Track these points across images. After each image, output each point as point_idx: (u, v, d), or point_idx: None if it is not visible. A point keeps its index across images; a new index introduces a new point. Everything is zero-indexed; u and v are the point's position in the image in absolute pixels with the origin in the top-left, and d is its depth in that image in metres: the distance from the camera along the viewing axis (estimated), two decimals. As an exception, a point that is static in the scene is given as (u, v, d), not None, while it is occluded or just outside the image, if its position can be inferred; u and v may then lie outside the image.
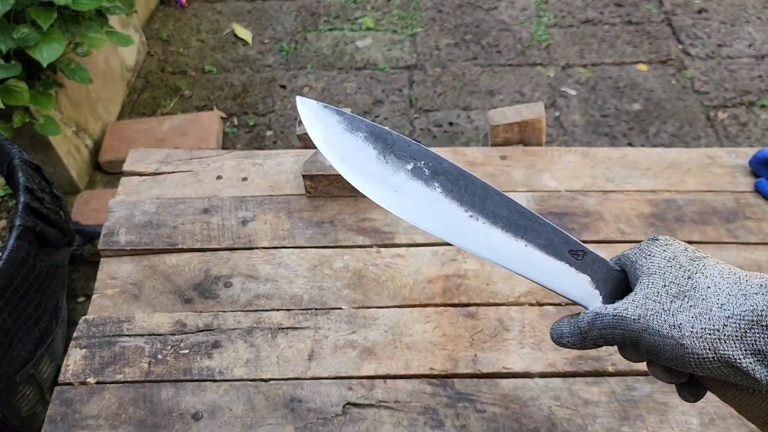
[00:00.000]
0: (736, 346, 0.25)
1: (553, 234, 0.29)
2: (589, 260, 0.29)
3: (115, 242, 0.54)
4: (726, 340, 0.25)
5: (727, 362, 0.25)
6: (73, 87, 1.16)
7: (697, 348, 0.26)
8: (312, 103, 0.30)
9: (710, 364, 0.26)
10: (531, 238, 0.29)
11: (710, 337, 0.26)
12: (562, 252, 0.29)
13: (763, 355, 0.25)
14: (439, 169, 0.29)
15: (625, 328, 0.27)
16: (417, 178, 0.29)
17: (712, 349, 0.25)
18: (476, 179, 0.29)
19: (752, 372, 0.25)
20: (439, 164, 0.29)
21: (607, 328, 0.28)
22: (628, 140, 1.28)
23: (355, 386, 0.44)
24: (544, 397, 0.43)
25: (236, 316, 0.49)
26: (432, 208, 0.29)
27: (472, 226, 0.29)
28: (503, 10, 1.57)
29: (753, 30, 1.47)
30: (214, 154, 0.62)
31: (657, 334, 0.27)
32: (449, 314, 0.48)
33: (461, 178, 0.29)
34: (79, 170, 1.21)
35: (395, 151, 0.29)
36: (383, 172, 0.29)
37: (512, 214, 0.29)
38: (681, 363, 0.26)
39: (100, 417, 0.43)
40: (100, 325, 0.48)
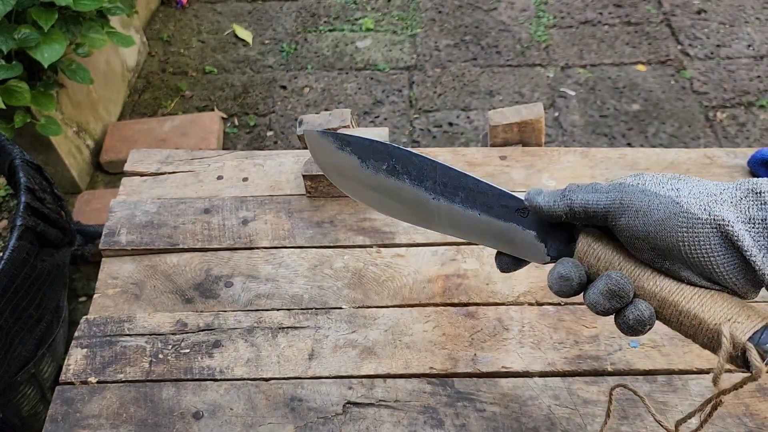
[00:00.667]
0: (731, 210, 0.25)
1: (500, 197, 0.31)
2: (534, 216, 0.31)
3: (116, 242, 0.54)
4: (722, 203, 0.25)
5: (720, 225, 0.25)
6: (74, 87, 1.16)
7: (693, 207, 0.25)
8: (314, 133, 0.35)
9: (702, 228, 0.25)
10: (483, 207, 0.32)
11: (707, 198, 0.26)
12: (510, 213, 0.31)
13: (753, 223, 0.25)
14: (408, 163, 0.32)
15: (619, 190, 0.27)
16: (392, 175, 0.33)
17: (707, 210, 0.25)
18: (435, 164, 0.32)
19: (740, 239, 0.24)
20: (408, 160, 0.32)
21: (596, 191, 0.28)
22: (627, 140, 1.28)
23: (355, 385, 0.44)
24: (543, 396, 0.44)
25: (237, 316, 0.49)
26: (402, 199, 0.33)
27: (436, 206, 0.32)
28: (503, 11, 1.57)
29: (752, 30, 1.48)
30: (215, 154, 0.62)
31: (653, 195, 0.27)
32: (449, 314, 0.48)
33: (425, 168, 0.32)
34: (80, 170, 1.21)
35: (374, 155, 0.33)
36: (364, 175, 0.33)
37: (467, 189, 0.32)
38: (672, 224, 0.25)
39: (101, 416, 0.43)
40: (101, 324, 0.49)
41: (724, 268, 0.25)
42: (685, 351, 0.46)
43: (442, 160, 0.32)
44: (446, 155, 0.61)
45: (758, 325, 0.26)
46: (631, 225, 0.27)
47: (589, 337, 0.47)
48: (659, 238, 0.26)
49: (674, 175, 0.28)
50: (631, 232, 0.27)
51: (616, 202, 0.27)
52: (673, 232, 0.26)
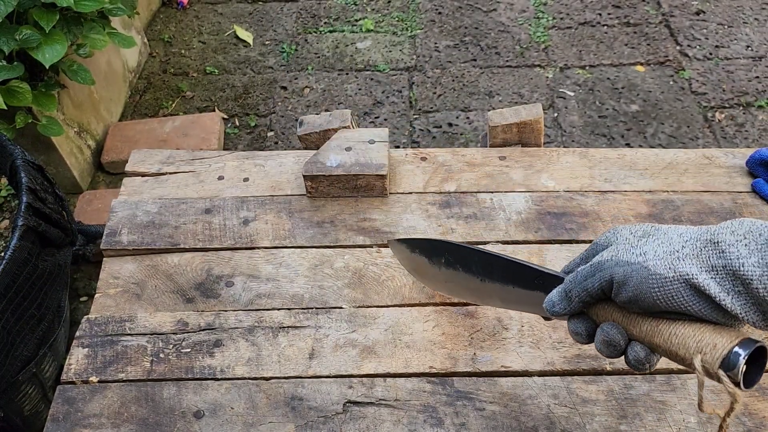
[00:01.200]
0: (693, 263, 0.27)
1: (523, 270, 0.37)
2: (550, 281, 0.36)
3: (118, 242, 0.54)
4: (684, 259, 0.28)
5: (686, 280, 0.27)
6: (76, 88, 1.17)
7: (659, 268, 0.28)
8: (393, 241, 0.47)
9: (671, 285, 0.28)
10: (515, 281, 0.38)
11: (670, 257, 0.28)
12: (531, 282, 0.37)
13: (716, 271, 0.27)
14: (458, 252, 0.41)
15: (601, 269, 0.31)
16: (449, 266, 0.42)
17: (672, 268, 0.28)
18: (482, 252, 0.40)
19: (706, 288, 0.27)
20: (457, 251, 0.41)
21: (587, 278, 0.32)
22: (626, 141, 1.28)
23: (356, 385, 0.45)
24: (542, 395, 0.44)
25: (237, 316, 0.49)
26: (461, 283, 0.42)
27: (483, 286, 0.40)
28: (502, 12, 1.57)
29: (750, 31, 1.48)
30: (216, 154, 0.63)
31: (626, 264, 0.30)
32: (448, 313, 0.49)
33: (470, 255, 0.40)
34: (82, 171, 1.21)
35: (435, 252, 0.43)
36: (434, 271, 0.44)
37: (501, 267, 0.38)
38: (646, 287, 0.28)
39: (103, 416, 0.44)
40: (102, 324, 0.49)
41: (703, 312, 0.28)
42: (683, 350, 0.46)
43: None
44: (446, 156, 0.61)
45: (725, 350, 0.27)
46: (617, 294, 0.31)
47: (588, 336, 0.47)
48: (639, 300, 0.29)
49: (645, 233, 0.31)
50: (619, 299, 0.31)
51: (603, 282, 0.31)
52: (648, 294, 0.29)
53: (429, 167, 0.60)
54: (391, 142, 1.30)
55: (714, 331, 0.28)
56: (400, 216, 0.56)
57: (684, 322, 0.29)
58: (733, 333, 0.27)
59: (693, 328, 0.28)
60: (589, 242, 0.53)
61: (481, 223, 0.55)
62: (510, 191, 0.57)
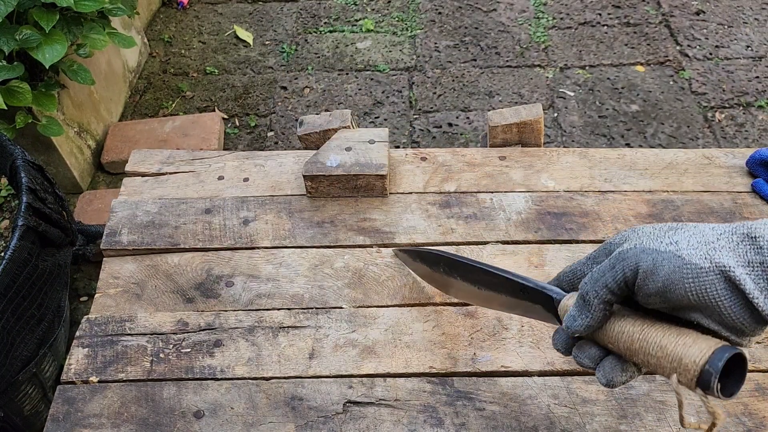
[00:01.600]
0: (730, 256, 0.26)
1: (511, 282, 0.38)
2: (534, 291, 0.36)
3: (118, 242, 0.54)
4: (720, 250, 0.26)
5: (723, 272, 0.26)
6: (76, 88, 1.17)
7: (694, 257, 0.26)
8: (398, 252, 0.51)
9: (706, 276, 0.26)
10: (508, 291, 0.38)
11: (705, 247, 0.27)
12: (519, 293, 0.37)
13: (752, 266, 0.26)
14: (453, 264, 0.43)
15: (623, 259, 0.28)
16: (448, 275, 0.44)
17: (709, 258, 0.26)
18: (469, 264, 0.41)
19: (741, 283, 0.25)
20: (452, 263, 0.43)
21: (605, 273, 0.29)
22: (626, 141, 1.28)
23: (356, 385, 0.45)
24: (542, 395, 0.44)
25: (238, 316, 0.49)
26: (462, 289, 0.43)
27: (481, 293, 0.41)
28: (502, 12, 1.57)
29: (750, 31, 1.48)
30: (216, 154, 0.63)
31: (655, 252, 0.28)
32: (448, 313, 0.49)
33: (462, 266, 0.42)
34: (82, 171, 1.21)
35: (434, 262, 0.46)
36: (436, 276, 0.46)
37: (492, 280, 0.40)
38: (678, 277, 0.27)
39: (103, 415, 0.44)
40: (102, 324, 0.49)
41: (732, 310, 0.26)
42: (683, 350, 0.46)
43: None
44: (446, 156, 0.61)
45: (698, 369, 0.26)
46: (641, 286, 0.28)
47: (588, 336, 0.47)
48: (669, 291, 0.27)
49: (670, 227, 0.29)
50: (643, 291, 0.28)
51: (627, 272, 0.28)
52: (680, 285, 0.27)
53: (429, 167, 0.60)
54: (391, 142, 1.30)
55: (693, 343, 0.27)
56: (400, 216, 0.56)
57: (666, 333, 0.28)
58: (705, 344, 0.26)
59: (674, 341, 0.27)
60: (590, 242, 0.53)
61: (481, 223, 0.55)
62: (510, 191, 0.57)
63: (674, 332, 0.28)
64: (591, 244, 0.53)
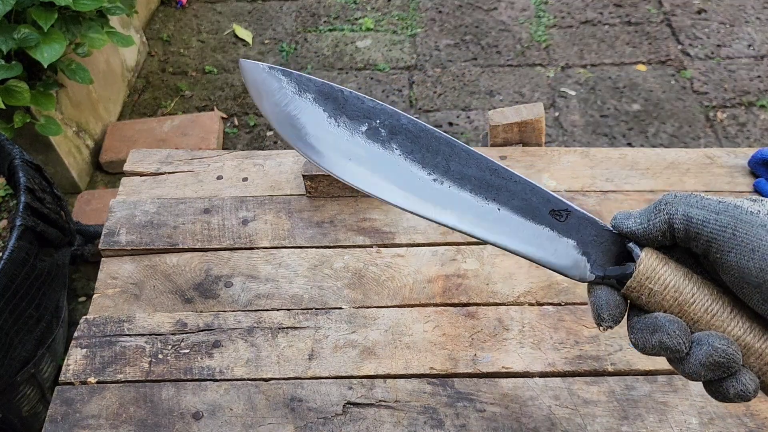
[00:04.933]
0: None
1: (531, 193, 0.25)
2: (574, 221, 0.25)
3: (116, 242, 0.54)
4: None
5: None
6: (74, 87, 1.16)
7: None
8: (256, 66, 0.26)
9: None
10: (504, 199, 0.25)
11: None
12: (541, 213, 0.25)
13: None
14: (398, 127, 0.25)
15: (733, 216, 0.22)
16: (373, 140, 0.25)
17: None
18: (440, 135, 0.25)
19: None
20: (396, 121, 0.25)
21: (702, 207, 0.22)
22: (628, 140, 1.28)
23: (355, 386, 0.44)
24: (543, 396, 0.44)
25: (237, 316, 0.49)
26: (390, 173, 0.25)
27: (437, 191, 0.25)
28: (503, 11, 1.57)
29: (752, 30, 1.48)
30: (215, 154, 0.62)
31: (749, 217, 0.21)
32: (449, 314, 0.48)
33: (423, 136, 0.25)
34: (80, 170, 1.21)
35: (347, 111, 0.25)
36: (336, 138, 0.26)
37: (483, 173, 0.25)
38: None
39: (101, 417, 0.43)
40: (100, 324, 0.48)
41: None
42: (685, 351, 0.46)
43: None
44: (446, 155, 0.61)
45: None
46: (743, 266, 0.22)
47: (590, 337, 0.47)
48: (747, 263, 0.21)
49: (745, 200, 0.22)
50: (740, 273, 0.22)
51: (727, 230, 0.22)
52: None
53: (429, 167, 0.59)
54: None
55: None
56: (401, 216, 0.55)
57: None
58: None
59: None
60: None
61: (481, 223, 0.55)
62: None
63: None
64: (592, 244, 0.53)
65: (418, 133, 0.25)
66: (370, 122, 0.25)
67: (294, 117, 0.26)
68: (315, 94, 0.25)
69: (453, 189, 0.25)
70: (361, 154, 0.25)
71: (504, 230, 0.25)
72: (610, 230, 0.25)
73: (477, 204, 0.25)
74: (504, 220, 0.25)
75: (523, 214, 0.25)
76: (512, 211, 0.25)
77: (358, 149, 0.25)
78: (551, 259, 0.25)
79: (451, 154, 0.25)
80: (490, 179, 0.25)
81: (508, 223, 0.25)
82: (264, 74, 0.26)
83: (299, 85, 0.26)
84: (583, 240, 0.25)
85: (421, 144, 0.25)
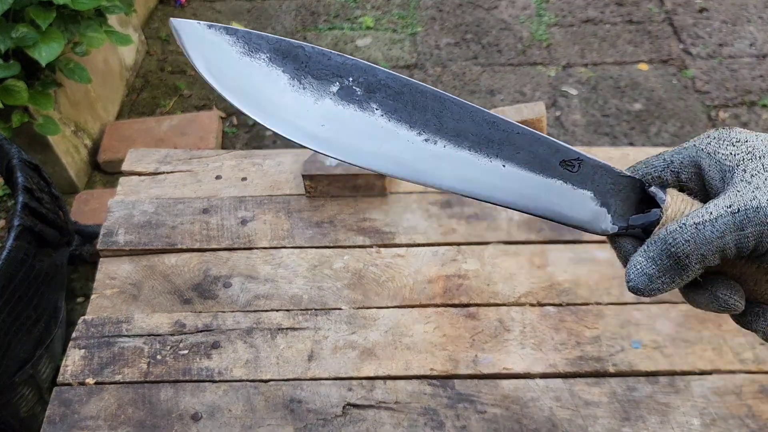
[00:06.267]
0: None
1: (537, 144, 0.22)
2: (588, 170, 0.22)
3: (114, 242, 0.54)
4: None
5: None
6: (72, 87, 1.16)
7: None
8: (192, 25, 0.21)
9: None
10: (509, 154, 0.22)
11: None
12: (551, 165, 0.22)
13: None
14: (375, 83, 0.21)
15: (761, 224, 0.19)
16: (348, 101, 0.21)
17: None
18: (426, 89, 0.21)
19: None
20: (373, 77, 0.21)
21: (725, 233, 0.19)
22: (629, 140, 1.27)
23: (355, 387, 0.44)
24: (544, 397, 0.43)
25: (235, 317, 0.48)
26: (374, 138, 0.21)
27: (431, 152, 0.21)
28: (504, 10, 1.56)
29: (754, 29, 1.47)
30: (214, 153, 0.62)
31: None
32: (449, 315, 0.48)
33: (406, 91, 0.21)
34: (78, 170, 1.21)
35: (312, 70, 0.21)
36: (301, 103, 0.21)
37: (480, 128, 0.22)
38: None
39: (99, 418, 0.43)
40: (99, 325, 0.48)
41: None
42: (687, 352, 0.46)
43: None
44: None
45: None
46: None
47: (591, 338, 0.47)
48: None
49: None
50: None
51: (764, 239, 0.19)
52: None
53: (429, 166, 0.59)
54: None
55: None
56: (401, 216, 0.55)
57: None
58: None
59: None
60: (593, 243, 0.53)
61: (482, 223, 0.54)
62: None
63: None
64: (595, 245, 0.52)
65: (400, 89, 0.21)
66: (342, 81, 0.21)
67: (247, 83, 0.21)
68: (270, 53, 0.21)
69: (449, 149, 0.22)
70: (334, 119, 0.21)
71: (513, 188, 0.22)
72: (628, 176, 0.23)
73: (479, 162, 0.22)
74: (511, 177, 0.22)
75: (531, 169, 0.22)
76: (519, 166, 0.22)
77: (331, 114, 0.21)
78: (568, 213, 0.23)
79: (441, 110, 0.21)
80: (490, 133, 0.22)
81: (517, 180, 0.22)
82: (204, 34, 0.21)
83: (248, 44, 0.21)
84: (600, 190, 0.23)
85: (405, 101, 0.21)
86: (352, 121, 0.21)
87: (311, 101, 0.21)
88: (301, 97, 0.21)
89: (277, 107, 0.21)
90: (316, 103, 0.21)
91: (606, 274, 0.50)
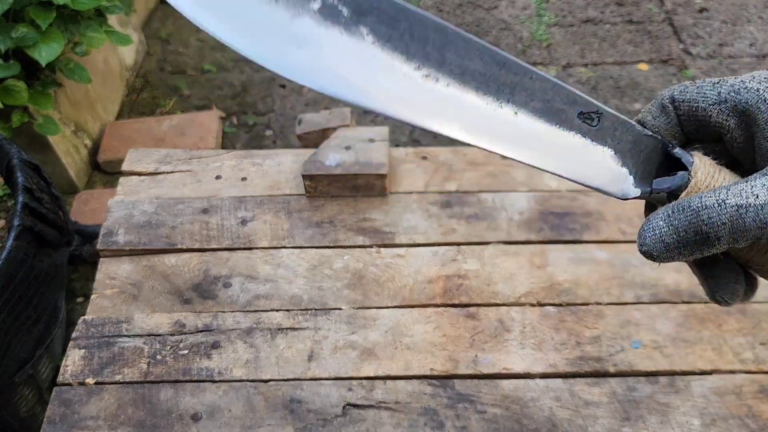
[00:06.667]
0: None
1: (553, 91, 0.19)
2: (608, 125, 0.20)
3: (114, 242, 0.54)
4: None
5: None
6: (72, 87, 1.16)
7: None
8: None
9: None
10: (521, 100, 0.19)
11: None
12: (568, 117, 0.19)
13: None
14: (365, 5, 0.17)
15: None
16: (331, 21, 0.17)
17: None
18: (427, 17, 0.18)
19: None
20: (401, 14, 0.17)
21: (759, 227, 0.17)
22: (629, 140, 1.27)
23: (355, 387, 0.44)
24: (544, 397, 0.43)
25: (235, 317, 0.48)
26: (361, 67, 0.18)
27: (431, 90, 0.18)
28: (504, 10, 1.56)
29: (754, 29, 1.47)
30: (214, 153, 0.62)
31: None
32: (449, 315, 0.48)
33: (402, 18, 0.17)
34: (78, 170, 1.21)
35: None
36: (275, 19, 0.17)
37: (489, 68, 0.18)
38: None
39: (99, 418, 0.43)
40: (98, 325, 0.48)
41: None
42: (687, 352, 0.46)
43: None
44: (447, 155, 0.60)
45: None
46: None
47: (591, 338, 0.47)
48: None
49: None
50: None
51: None
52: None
53: (430, 166, 0.59)
54: (392, 140, 1.29)
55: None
56: (401, 216, 0.55)
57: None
58: None
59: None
60: (594, 242, 0.53)
61: (482, 223, 0.54)
62: (512, 191, 0.57)
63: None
64: (595, 245, 0.52)
65: (396, 15, 0.17)
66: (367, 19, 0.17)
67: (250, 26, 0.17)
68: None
69: (452, 88, 0.18)
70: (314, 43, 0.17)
71: (524, 140, 0.19)
72: (651, 135, 0.21)
73: (486, 107, 0.19)
74: (523, 127, 0.19)
75: (546, 119, 0.19)
76: (532, 115, 0.19)
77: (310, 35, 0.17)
78: (585, 171, 0.20)
79: (444, 43, 0.18)
80: (500, 75, 0.19)
81: (529, 131, 0.19)
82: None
83: None
84: (621, 148, 0.20)
85: (401, 29, 0.17)
86: (337, 47, 0.17)
87: (286, 18, 0.17)
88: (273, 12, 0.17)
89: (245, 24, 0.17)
90: (293, 20, 0.17)
91: (606, 274, 0.50)
